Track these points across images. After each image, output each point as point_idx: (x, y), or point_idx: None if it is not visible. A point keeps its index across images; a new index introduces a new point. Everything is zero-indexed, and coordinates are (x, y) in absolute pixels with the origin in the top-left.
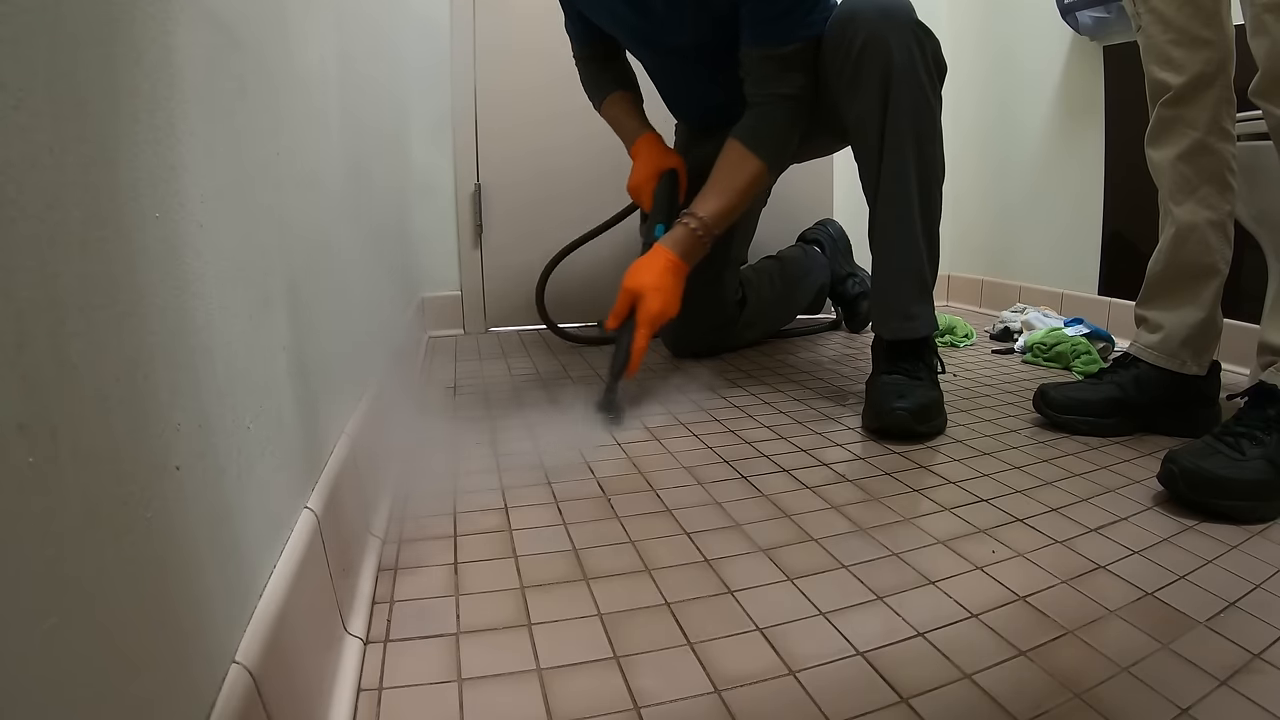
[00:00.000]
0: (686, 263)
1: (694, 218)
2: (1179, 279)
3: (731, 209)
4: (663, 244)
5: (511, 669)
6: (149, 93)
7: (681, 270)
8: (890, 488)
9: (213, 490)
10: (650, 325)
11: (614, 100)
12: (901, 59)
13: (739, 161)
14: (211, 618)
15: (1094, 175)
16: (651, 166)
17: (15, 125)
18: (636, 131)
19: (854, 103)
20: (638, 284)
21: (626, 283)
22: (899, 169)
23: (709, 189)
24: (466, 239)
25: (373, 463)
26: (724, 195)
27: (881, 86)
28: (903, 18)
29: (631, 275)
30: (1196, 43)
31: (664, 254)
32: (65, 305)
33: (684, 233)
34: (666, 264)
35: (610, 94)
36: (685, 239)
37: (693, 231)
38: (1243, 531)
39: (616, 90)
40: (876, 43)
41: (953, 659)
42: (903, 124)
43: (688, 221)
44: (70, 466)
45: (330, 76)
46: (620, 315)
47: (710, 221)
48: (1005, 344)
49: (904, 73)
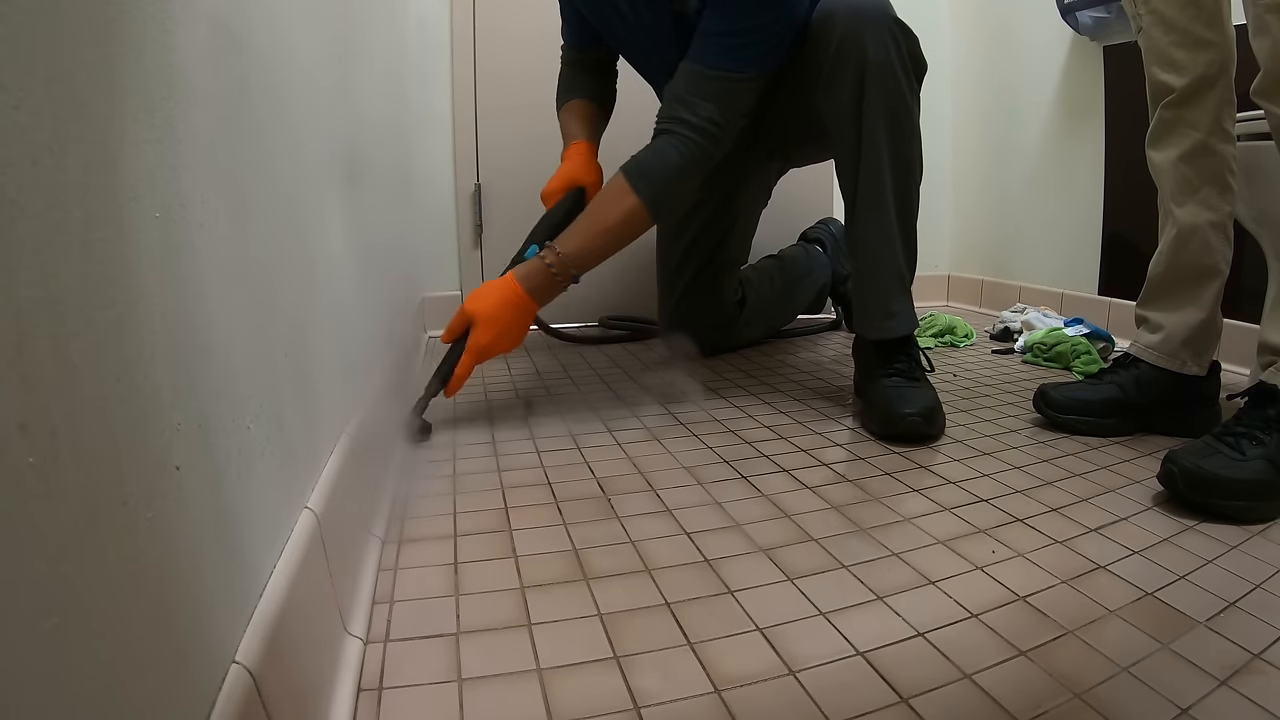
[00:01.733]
0: (534, 299)
1: (552, 251)
2: (1180, 280)
3: (596, 248)
4: (516, 273)
5: (511, 669)
6: (149, 93)
7: (525, 307)
8: (890, 488)
9: (213, 490)
10: (478, 355)
11: (573, 105)
12: (876, 55)
13: (616, 196)
14: (211, 618)
15: (1094, 175)
16: (565, 178)
17: (15, 125)
18: (573, 138)
19: (830, 102)
20: (474, 310)
21: (466, 303)
22: (875, 167)
23: (578, 223)
24: (466, 239)
25: (373, 463)
26: (591, 232)
27: (856, 83)
28: (878, 14)
29: (474, 297)
30: (1198, 44)
31: (511, 286)
32: (65, 305)
33: (538, 267)
34: (508, 297)
35: (572, 99)
36: (537, 274)
37: (546, 267)
38: (1243, 531)
39: (581, 98)
40: (851, 39)
41: (953, 659)
42: (878, 122)
43: (545, 255)
44: (70, 466)
45: (330, 76)
46: (454, 333)
47: (568, 259)
48: (1005, 344)
49: (879, 69)
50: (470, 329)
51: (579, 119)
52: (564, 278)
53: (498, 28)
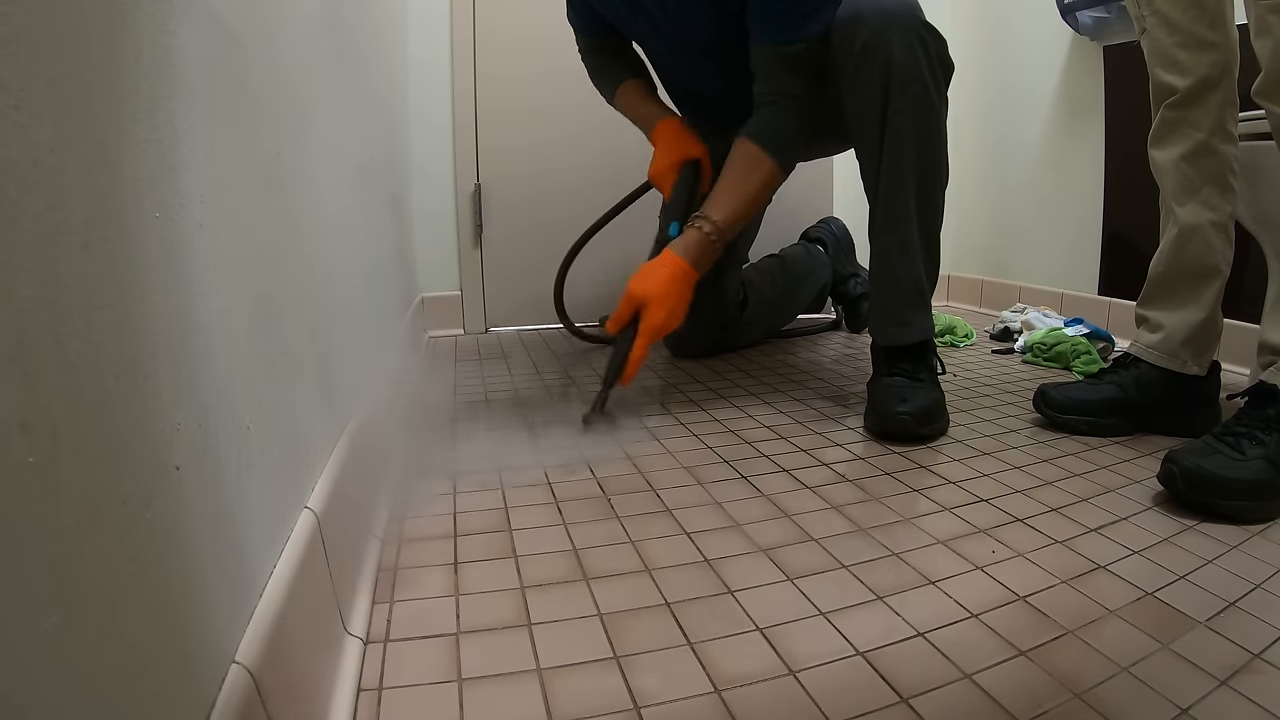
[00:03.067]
0: (697, 270)
1: (707, 221)
2: (1181, 279)
3: (746, 212)
4: (673, 249)
5: (511, 669)
6: (149, 92)
7: (691, 278)
8: (890, 488)
9: (213, 490)
10: (652, 336)
11: (627, 89)
12: (903, 58)
13: (752, 162)
14: (211, 618)
15: (1094, 175)
16: (674, 154)
17: (16, 125)
18: (655, 116)
19: (854, 103)
20: (644, 291)
21: (632, 287)
22: (898, 172)
23: (721, 190)
24: (466, 239)
25: (373, 463)
26: (737, 198)
27: (882, 87)
28: (906, 16)
29: (638, 280)
30: (1202, 45)
31: (674, 261)
32: (65, 305)
33: (696, 237)
34: (675, 271)
35: (622, 82)
36: (697, 244)
37: (705, 236)
38: (1243, 531)
39: (629, 78)
40: (878, 41)
41: (953, 659)
42: (903, 125)
43: (700, 225)
44: (70, 466)
45: (330, 75)
46: (622, 320)
47: (724, 225)
48: (1005, 344)
49: (905, 72)
50: (641, 312)
51: (645, 99)
52: (720, 243)
53: (497, 28)
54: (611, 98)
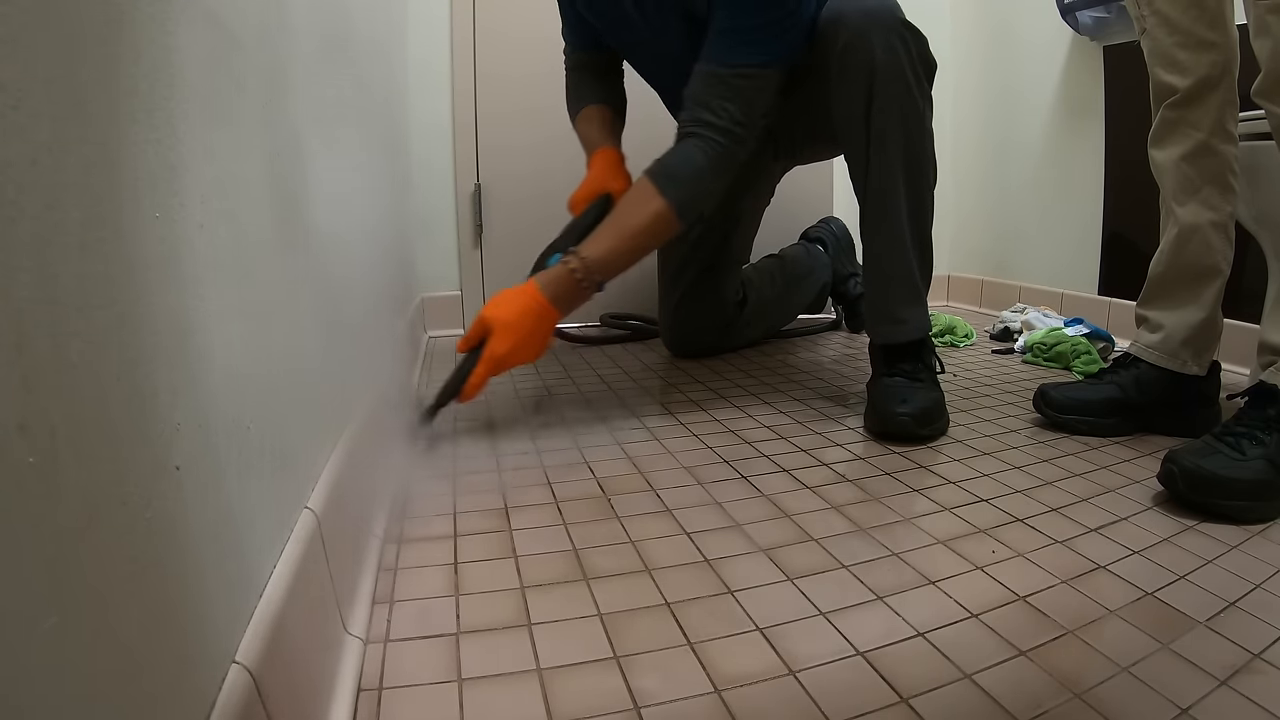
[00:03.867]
0: (556, 308)
1: (576, 257)
2: (1181, 279)
3: (623, 254)
4: (537, 280)
5: (511, 669)
6: (148, 92)
7: (547, 314)
8: (890, 488)
9: (213, 490)
10: (493, 365)
11: (588, 113)
12: (885, 58)
13: (642, 200)
14: (212, 618)
15: (1094, 175)
16: (593, 185)
17: (15, 125)
18: (596, 145)
19: (839, 104)
20: (493, 317)
21: (484, 311)
22: (886, 171)
23: (603, 228)
24: (466, 239)
25: (373, 463)
26: (617, 238)
27: (865, 87)
28: (886, 16)
29: (493, 304)
30: (1202, 45)
31: (533, 294)
32: (65, 305)
33: (561, 274)
34: (529, 304)
35: (586, 106)
36: (560, 281)
37: (570, 273)
38: (1243, 531)
39: (593, 104)
40: (859, 42)
41: (953, 659)
42: (889, 124)
43: (569, 261)
44: (70, 466)
45: (330, 75)
46: (470, 341)
47: (593, 265)
48: (1005, 344)
49: (887, 72)
50: (487, 337)
51: (599, 126)
52: (589, 284)
53: (497, 29)
54: (573, 117)
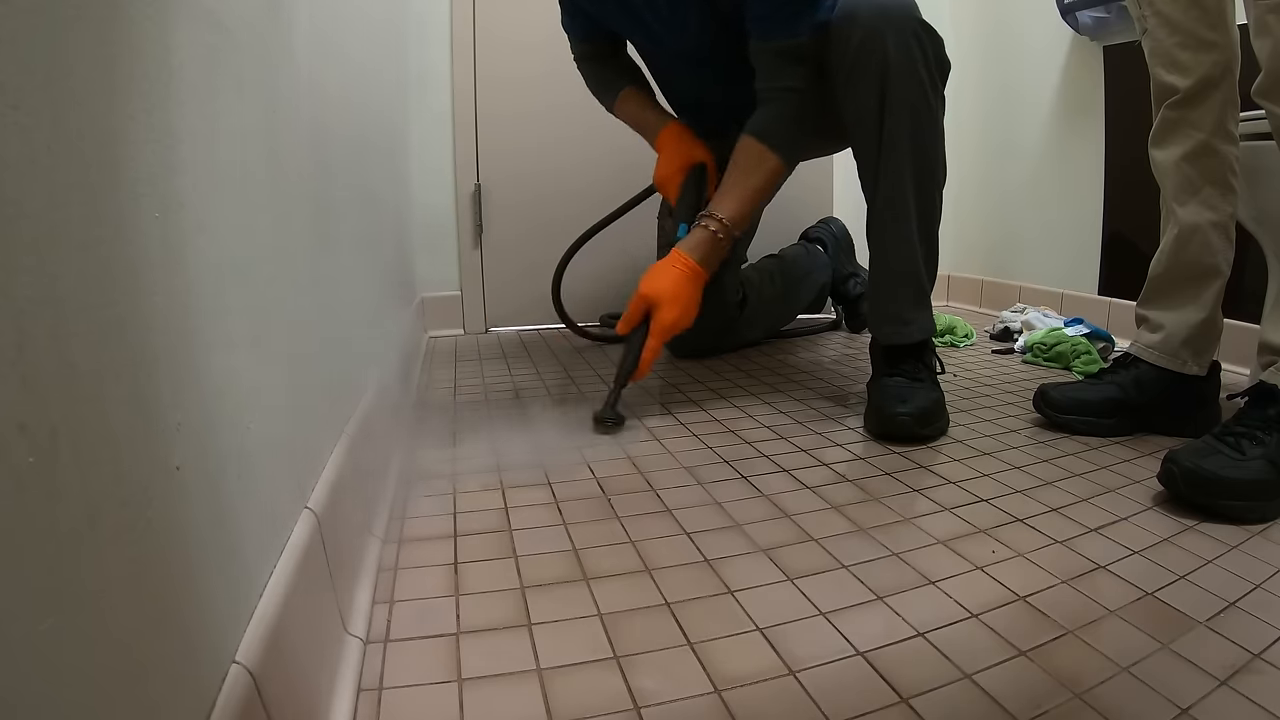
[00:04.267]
0: (705, 269)
1: (714, 219)
2: (1181, 280)
3: (751, 208)
4: (681, 249)
5: (511, 669)
6: (148, 92)
7: (700, 278)
8: (890, 488)
9: (213, 490)
10: (664, 335)
11: (627, 96)
12: (899, 57)
13: (756, 158)
14: (212, 618)
15: (1094, 175)
16: (679, 159)
17: (15, 125)
18: (659, 123)
19: (852, 101)
20: (654, 291)
21: (643, 288)
22: (896, 170)
23: (726, 189)
24: (466, 239)
25: (372, 463)
26: (743, 194)
27: (879, 85)
28: (902, 15)
29: (648, 280)
30: (1202, 45)
31: (683, 260)
32: (65, 305)
33: (704, 236)
34: (685, 271)
35: (622, 90)
36: (705, 243)
37: (713, 234)
38: (1243, 531)
39: (627, 85)
40: (874, 40)
41: (953, 659)
42: (900, 123)
43: (707, 224)
44: (70, 466)
45: (330, 75)
46: (632, 321)
47: (731, 223)
48: (1005, 344)
49: (902, 71)
50: (652, 312)
51: (647, 105)
52: (728, 241)
53: (497, 31)
54: (611, 106)
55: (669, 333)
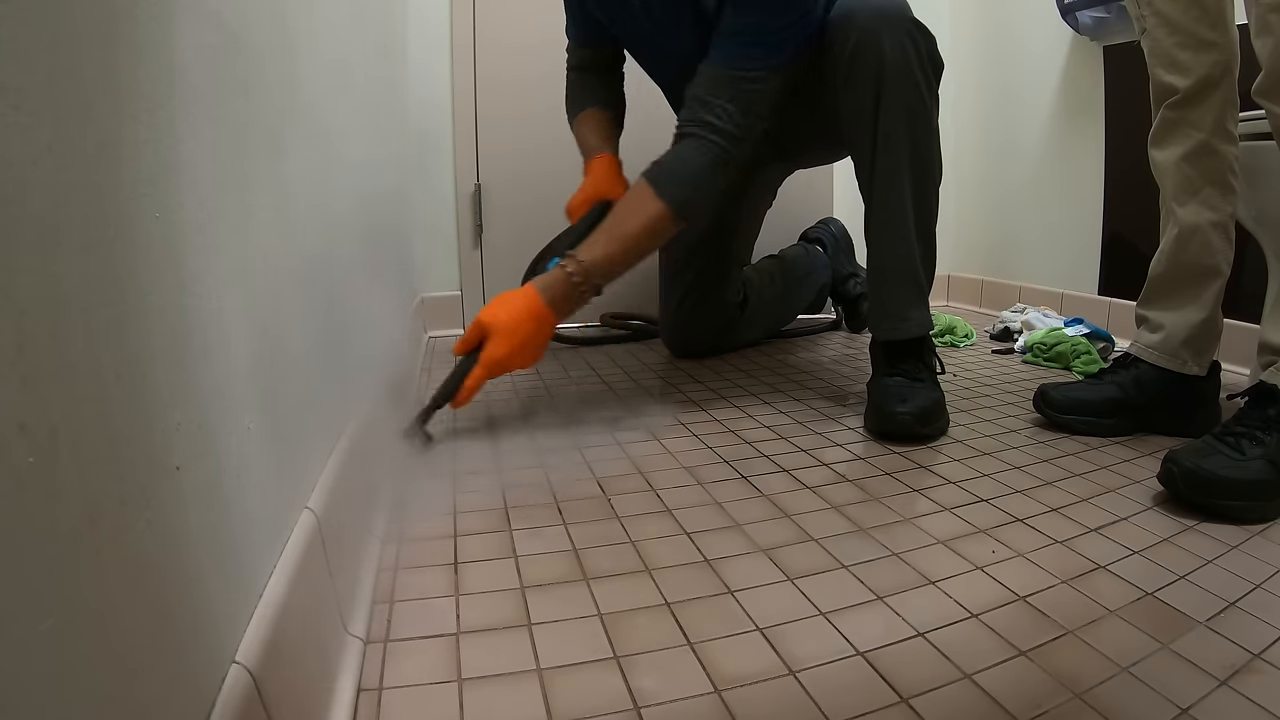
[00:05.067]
0: (554, 312)
1: (574, 260)
2: (1181, 280)
3: (620, 255)
4: (536, 284)
5: (511, 669)
6: (150, 93)
7: (545, 317)
8: (890, 488)
9: (213, 490)
10: (490, 369)
11: (586, 116)
12: (894, 56)
13: (639, 202)
14: (211, 618)
15: (1094, 175)
16: (590, 192)
17: (16, 125)
18: (595, 151)
19: (847, 102)
20: (491, 321)
21: (482, 314)
22: (892, 169)
23: (600, 231)
24: (466, 239)
25: (372, 463)
26: (614, 242)
27: (874, 84)
28: (897, 15)
29: (490, 307)
30: (1202, 45)
31: (531, 297)
32: (65, 305)
33: (559, 278)
34: (528, 309)
35: (585, 110)
36: (559, 284)
37: (569, 277)
38: (1243, 531)
39: (592, 107)
40: (869, 40)
41: (953, 659)
42: (896, 123)
43: (566, 265)
44: (70, 466)
45: (331, 76)
46: (468, 344)
47: (591, 268)
48: (1005, 344)
49: (897, 70)
50: (485, 341)
51: (597, 131)
52: (587, 288)
53: (497, 34)
54: (571, 120)
55: (498, 368)
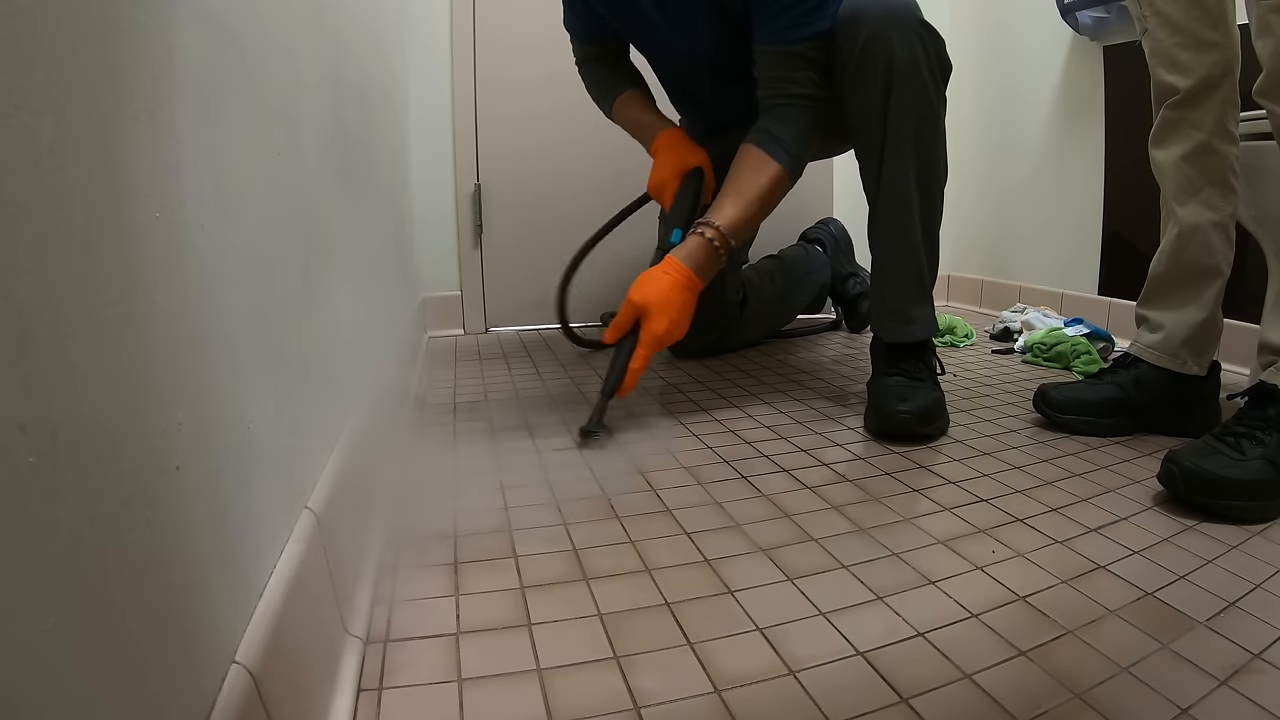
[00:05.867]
0: (700, 278)
1: (710, 227)
2: (1181, 279)
3: (751, 217)
4: (675, 256)
5: (511, 669)
6: (150, 92)
7: (694, 286)
8: (890, 488)
9: (213, 490)
10: (653, 346)
11: (626, 100)
12: (904, 57)
13: (757, 165)
14: (211, 618)
15: (1094, 175)
16: (675, 164)
17: (16, 125)
18: (656, 127)
19: (855, 101)
20: (644, 299)
21: (632, 295)
22: (899, 169)
23: (725, 196)
24: (466, 239)
25: (373, 463)
26: (743, 202)
27: (883, 85)
28: (906, 16)
29: (638, 288)
30: (1203, 45)
31: (676, 268)
32: (65, 305)
33: (699, 244)
34: (678, 279)
35: (621, 94)
36: (700, 251)
37: (709, 243)
38: (1243, 531)
39: (628, 89)
40: (879, 40)
41: (953, 659)
42: (904, 123)
43: (703, 231)
44: (70, 466)
45: (331, 76)
46: (621, 329)
47: (728, 231)
48: (1005, 344)
49: (906, 71)
50: (641, 321)
51: (645, 109)
52: (724, 250)
53: (497, 34)
54: (610, 110)
55: (660, 344)
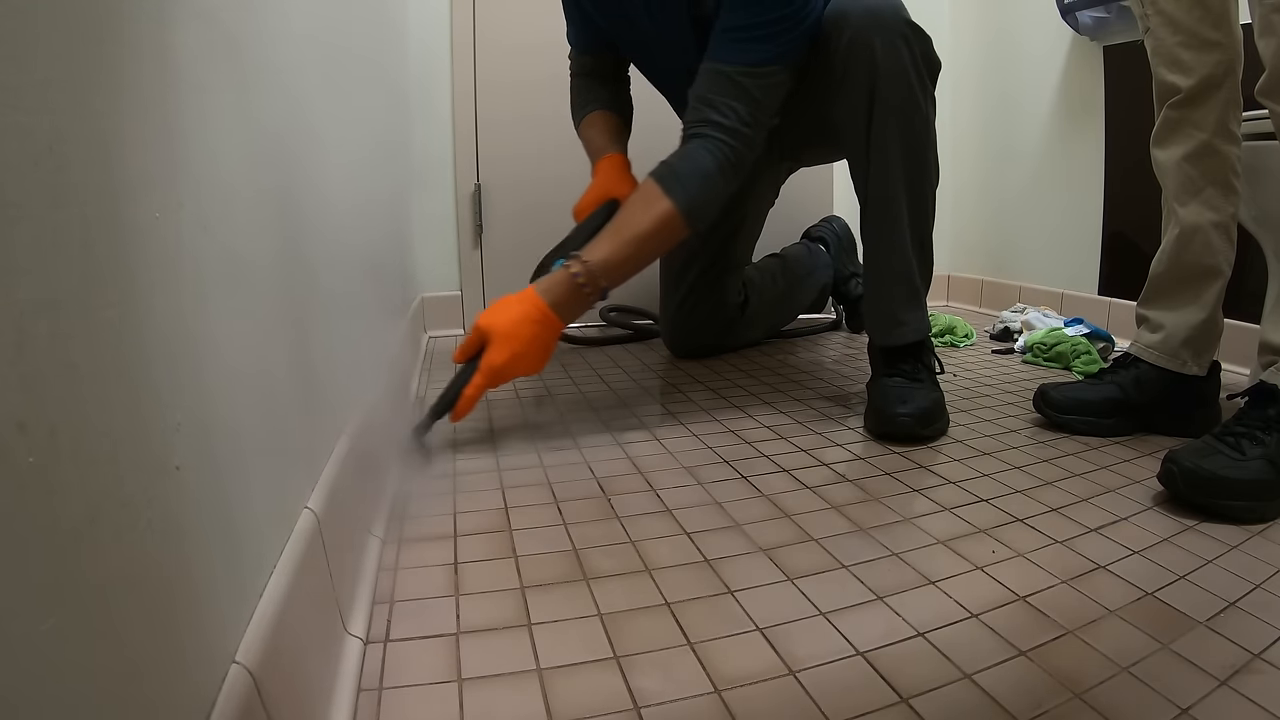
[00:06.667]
0: (559, 315)
1: (578, 262)
2: (1182, 280)
3: (627, 259)
4: (537, 287)
5: (511, 669)
6: (149, 92)
7: (549, 322)
8: (890, 488)
9: (213, 490)
10: (491, 377)
11: (591, 119)
12: (888, 58)
13: (647, 202)
14: (212, 618)
15: (1094, 175)
16: (597, 192)
17: (15, 125)
18: (601, 153)
19: (841, 105)
20: (489, 325)
21: (480, 319)
22: (886, 172)
23: (606, 231)
24: (466, 239)
25: (372, 463)
26: (619, 243)
27: (868, 87)
28: (891, 16)
29: (490, 312)
30: (1205, 45)
31: (532, 300)
32: (65, 305)
33: (563, 279)
34: (530, 312)
35: (590, 112)
36: (561, 287)
37: (572, 278)
38: (1243, 531)
39: (599, 110)
40: (862, 41)
41: (953, 659)
42: (890, 125)
43: (570, 265)
44: (70, 466)
45: (332, 76)
46: (468, 351)
47: (597, 270)
48: (1005, 344)
49: (890, 72)
50: (485, 347)
51: (603, 131)
52: (593, 290)
53: (497, 35)
54: (577, 124)
55: (499, 376)
